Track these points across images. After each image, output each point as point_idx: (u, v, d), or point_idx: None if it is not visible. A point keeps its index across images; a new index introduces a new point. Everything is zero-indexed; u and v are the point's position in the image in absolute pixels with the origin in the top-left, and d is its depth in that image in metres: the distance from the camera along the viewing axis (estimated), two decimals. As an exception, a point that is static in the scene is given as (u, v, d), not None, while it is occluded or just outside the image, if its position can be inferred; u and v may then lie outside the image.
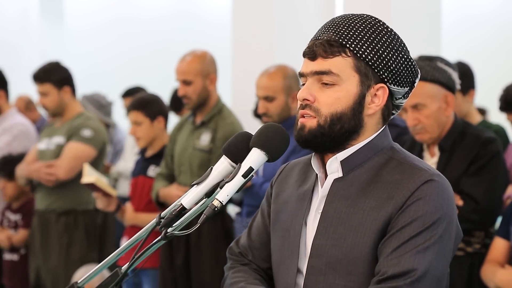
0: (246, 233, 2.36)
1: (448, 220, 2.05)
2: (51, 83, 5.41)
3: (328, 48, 2.08)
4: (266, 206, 2.32)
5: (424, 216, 2.02)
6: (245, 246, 2.34)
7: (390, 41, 2.10)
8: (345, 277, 2.07)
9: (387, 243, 2.02)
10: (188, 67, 4.80)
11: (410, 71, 2.13)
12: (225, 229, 4.77)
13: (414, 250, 2.00)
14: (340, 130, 2.09)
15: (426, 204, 2.03)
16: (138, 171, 5.14)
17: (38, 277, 5.46)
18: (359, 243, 2.05)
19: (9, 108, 6.05)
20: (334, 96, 2.08)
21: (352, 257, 2.06)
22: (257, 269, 2.30)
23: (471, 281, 3.74)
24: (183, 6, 11.93)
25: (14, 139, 5.89)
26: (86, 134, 5.40)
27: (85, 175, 4.89)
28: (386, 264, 2.01)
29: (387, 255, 2.01)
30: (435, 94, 3.69)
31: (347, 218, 2.08)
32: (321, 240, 2.10)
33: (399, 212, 2.03)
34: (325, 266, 2.09)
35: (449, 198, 2.08)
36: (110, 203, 4.94)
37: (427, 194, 2.03)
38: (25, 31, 11.68)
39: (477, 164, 3.71)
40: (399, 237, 2.01)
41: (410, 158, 2.14)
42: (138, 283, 5.08)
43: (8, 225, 5.68)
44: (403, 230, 2.02)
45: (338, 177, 2.13)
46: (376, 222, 2.05)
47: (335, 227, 2.09)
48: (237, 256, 2.34)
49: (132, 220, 4.99)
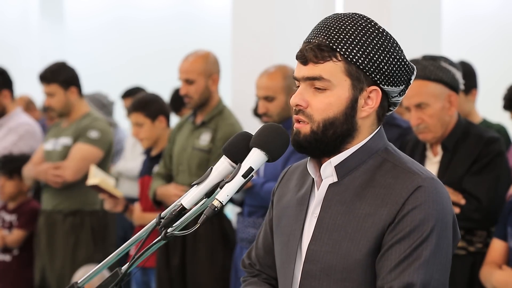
0: (255, 243, 2.37)
1: (444, 226, 2.04)
2: (57, 83, 5.43)
3: (319, 53, 2.07)
4: (269, 213, 2.33)
5: (421, 226, 2.01)
6: (254, 256, 2.36)
7: (381, 42, 2.08)
8: (339, 283, 2.06)
9: (388, 256, 2.02)
10: (191, 67, 4.81)
11: (404, 70, 2.12)
12: (222, 231, 4.77)
13: (416, 263, 2.00)
14: (333, 135, 2.09)
15: (422, 212, 2.02)
16: (144, 171, 5.17)
17: (43, 277, 5.47)
18: (354, 250, 2.05)
19: (15, 107, 6.05)
20: (326, 101, 2.08)
21: (346, 264, 2.05)
22: (268, 278, 2.32)
23: (473, 281, 3.73)
24: (183, 6, 11.93)
25: (20, 139, 5.89)
26: (93, 135, 5.41)
27: (90, 177, 4.90)
28: (389, 280, 2.00)
29: (390, 270, 2.01)
30: (438, 93, 3.70)
31: (342, 224, 2.07)
32: (316, 245, 2.10)
33: (395, 221, 2.03)
34: (319, 272, 2.09)
35: (444, 202, 2.06)
36: (117, 204, 4.96)
37: (422, 202, 2.02)
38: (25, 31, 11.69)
39: (480, 163, 3.71)
40: (399, 250, 2.01)
41: (404, 160, 2.13)
42: (147, 282, 5.09)
43: (3, 225, 5.67)
44: (402, 242, 2.01)
45: (333, 182, 2.12)
46: (371, 230, 2.04)
47: (330, 233, 2.09)
48: (248, 268, 2.37)
49: (140, 219, 5.02)
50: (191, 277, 4.72)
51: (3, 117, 5.93)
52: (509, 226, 3.61)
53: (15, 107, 6.05)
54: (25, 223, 5.62)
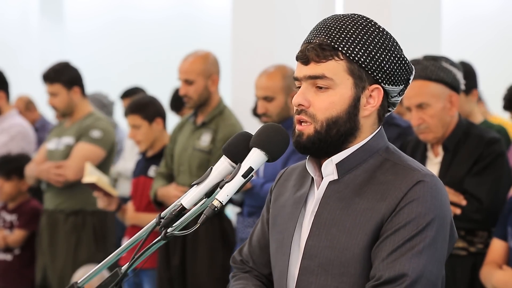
0: (248, 240, 2.36)
1: (441, 222, 2.04)
2: (60, 83, 5.44)
3: (321, 52, 2.07)
4: (265, 212, 2.33)
5: (417, 218, 2.01)
6: (246, 253, 2.35)
7: (382, 41, 2.09)
8: (337, 278, 2.06)
9: (382, 246, 2.02)
10: (190, 67, 4.81)
11: (404, 70, 2.12)
12: (222, 230, 4.77)
13: (409, 253, 1.99)
14: (337, 134, 2.09)
15: (420, 206, 2.02)
16: (139, 171, 5.15)
17: (44, 277, 5.48)
18: (352, 245, 2.05)
19: (10, 109, 6.06)
20: (329, 100, 2.08)
21: (344, 258, 2.05)
22: (259, 275, 2.31)
23: (474, 281, 3.73)
24: (183, 7, 11.92)
25: (11, 140, 5.90)
26: (95, 135, 5.42)
27: (86, 175, 4.90)
28: (381, 268, 2.00)
29: (382, 259, 2.01)
30: (439, 93, 3.70)
31: (340, 219, 2.07)
32: (314, 241, 2.10)
33: (392, 214, 2.03)
34: (317, 267, 2.08)
35: (442, 199, 2.07)
36: (111, 202, 4.96)
37: (420, 196, 2.03)
38: (25, 32, 11.68)
39: (481, 164, 3.71)
40: (393, 240, 2.01)
41: (404, 158, 2.13)
42: (139, 283, 5.08)
43: (3, 225, 5.68)
44: (397, 233, 2.01)
45: (333, 179, 2.12)
46: (369, 224, 2.04)
47: (328, 229, 2.08)
48: (239, 264, 2.35)
49: (133, 219, 5.00)
50: (191, 277, 4.72)
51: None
52: (509, 226, 3.61)
53: (11, 109, 6.07)
54: (25, 223, 5.63)
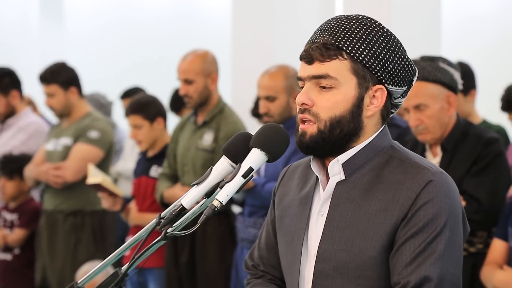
0: (256, 244, 2.36)
1: (455, 219, 2.06)
2: (57, 84, 5.44)
3: (325, 51, 2.07)
4: (271, 213, 2.33)
5: (434, 220, 2.02)
6: (257, 257, 2.35)
7: (386, 41, 2.09)
8: (354, 281, 2.07)
9: (402, 251, 2.03)
10: (189, 66, 4.81)
11: (408, 71, 2.13)
12: (230, 228, 4.78)
13: (431, 257, 2.01)
14: (340, 134, 2.09)
15: (435, 207, 2.03)
16: (140, 172, 5.15)
17: (44, 277, 5.48)
18: (367, 247, 2.05)
19: (24, 107, 6.07)
20: (333, 99, 2.08)
21: (360, 261, 2.06)
22: (273, 278, 2.31)
23: (474, 282, 3.73)
24: (183, 7, 11.91)
25: (29, 138, 5.91)
26: (93, 135, 5.42)
27: (90, 176, 4.90)
28: (406, 275, 2.01)
29: (405, 264, 2.02)
30: (437, 94, 3.69)
31: (354, 222, 2.08)
32: (328, 244, 2.10)
33: (407, 216, 2.04)
34: (332, 271, 2.09)
35: (455, 195, 2.08)
36: (116, 203, 4.96)
37: (434, 196, 2.03)
38: (25, 32, 11.67)
39: (480, 164, 3.70)
40: (413, 244, 2.02)
41: (410, 156, 2.14)
42: (143, 283, 5.08)
43: (4, 225, 5.68)
44: (417, 236, 2.02)
45: (341, 179, 2.12)
46: (384, 226, 2.05)
47: (341, 232, 2.09)
48: (252, 269, 2.36)
49: (136, 220, 5.01)
50: (201, 275, 4.72)
51: (12, 117, 5.94)
52: (510, 226, 3.61)
53: (24, 107, 6.07)
54: (26, 223, 5.63)
